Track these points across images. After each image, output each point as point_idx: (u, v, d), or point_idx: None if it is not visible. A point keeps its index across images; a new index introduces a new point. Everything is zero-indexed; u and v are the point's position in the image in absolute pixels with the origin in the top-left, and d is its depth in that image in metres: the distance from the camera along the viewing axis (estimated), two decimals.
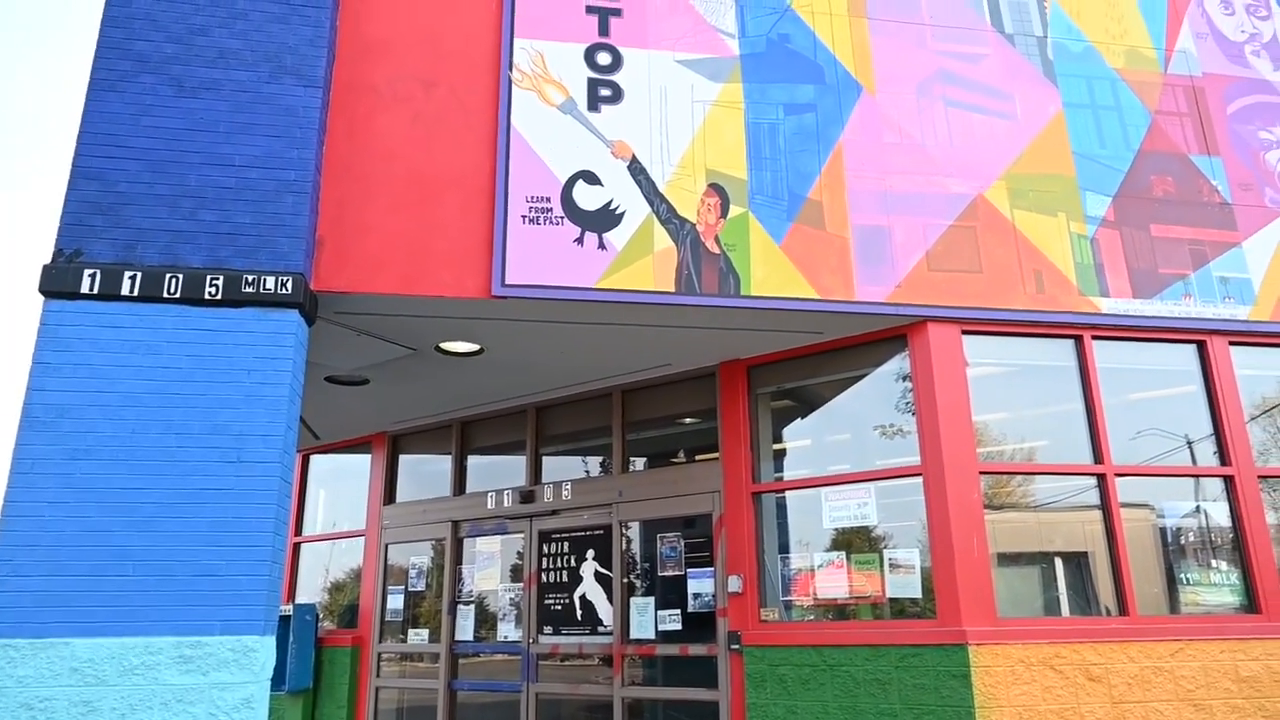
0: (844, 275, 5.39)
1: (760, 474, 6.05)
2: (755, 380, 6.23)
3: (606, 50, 5.57)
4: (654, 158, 5.39)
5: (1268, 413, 5.96)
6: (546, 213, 5.17)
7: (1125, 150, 6.07)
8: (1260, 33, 6.68)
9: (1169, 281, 5.82)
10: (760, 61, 5.74)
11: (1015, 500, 5.61)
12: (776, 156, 5.55)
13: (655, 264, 5.20)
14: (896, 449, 5.61)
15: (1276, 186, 6.25)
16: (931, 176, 5.71)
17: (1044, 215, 5.78)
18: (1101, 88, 6.23)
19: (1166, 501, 5.64)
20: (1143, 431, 5.74)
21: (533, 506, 7.18)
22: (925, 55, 6.00)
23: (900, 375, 5.67)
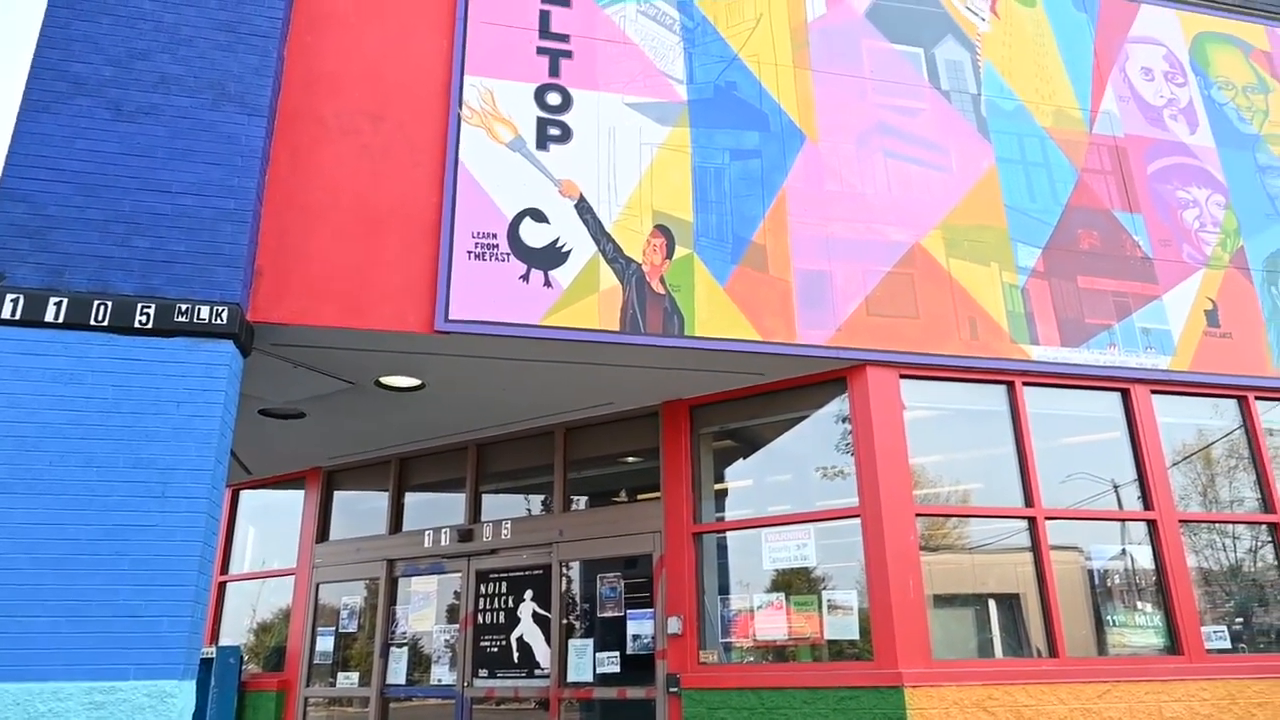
0: (786, 318, 5.48)
1: (701, 514, 6.05)
2: (698, 420, 6.26)
3: (557, 90, 5.62)
4: (601, 197, 5.43)
5: (1187, 459, 6.20)
6: (493, 249, 5.16)
7: (1054, 204, 6.33)
8: (1177, 98, 7.07)
9: (1095, 331, 6.05)
10: (707, 107, 5.86)
11: (951, 542, 5.71)
12: (722, 200, 5.65)
13: (600, 303, 5.22)
14: (836, 490, 5.68)
15: (1193, 243, 6.57)
16: (871, 224, 5.86)
17: (978, 264, 5.98)
18: (1032, 145, 6.50)
19: (1094, 544, 5.80)
20: (1071, 476, 5.91)
21: (471, 545, 7.05)
22: (866, 107, 6.20)
23: (840, 417, 5.75)
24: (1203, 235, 6.62)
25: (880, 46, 6.41)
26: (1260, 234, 6.79)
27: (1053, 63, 6.84)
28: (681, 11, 6.07)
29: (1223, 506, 6.16)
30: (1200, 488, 6.19)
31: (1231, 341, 6.33)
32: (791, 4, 6.30)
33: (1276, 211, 6.92)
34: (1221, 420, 6.34)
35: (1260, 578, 6.04)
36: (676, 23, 6.02)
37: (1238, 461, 6.28)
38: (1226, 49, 7.42)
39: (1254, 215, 6.84)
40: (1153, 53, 7.17)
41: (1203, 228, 6.64)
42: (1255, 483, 6.20)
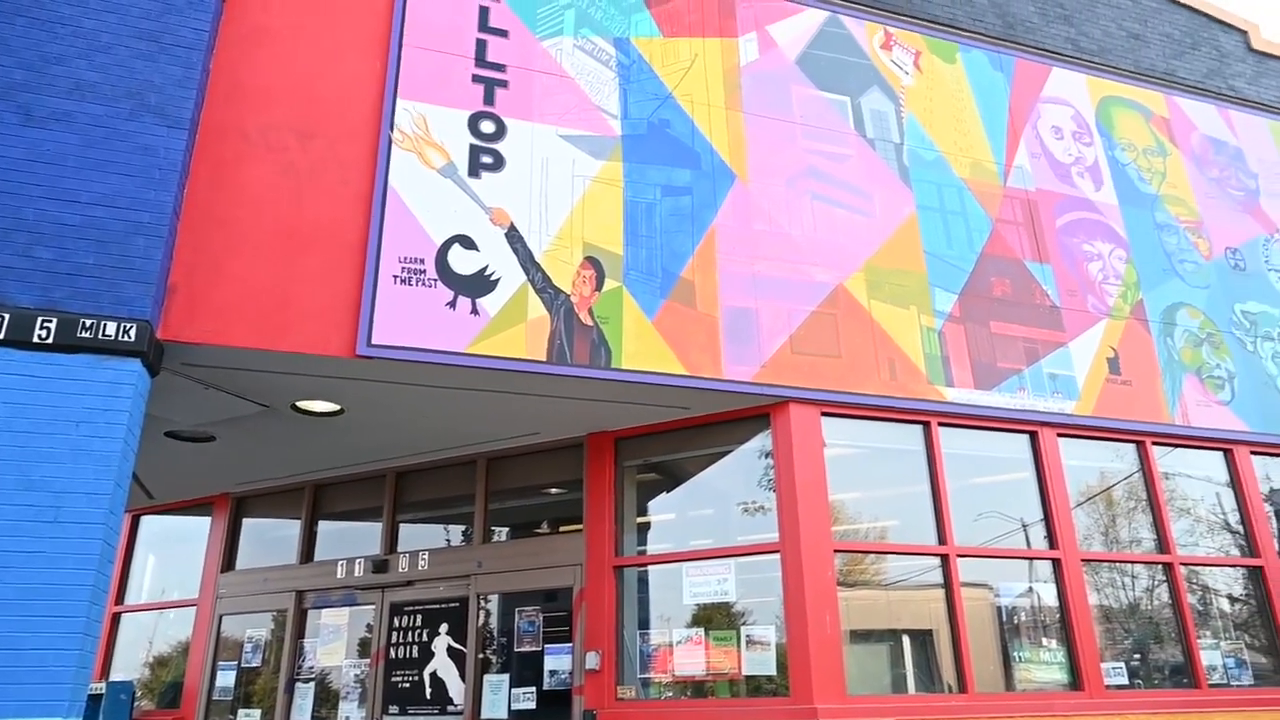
0: (712, 353, 5.54)
1: (623, 547, 6.02)
2: (622, 452, 6.25)
3: (491, 119, 5.62)
4: (532, 227, 5.43)
5: (1090, 500, 6.46)
6: (419, 274, 5.09)
7: (969, 252, 6.59)
8: (1084, 157, 7.47)
9: (1006, 375, 6.29)
10: (641, 143, 5.93)
11: (868, 578, 5.80)
12: (652, 235, 5.70)
13: (528, 332, 5.18)
14: (758, 525, 5.72)
15: (1097, 295, 6.91)
16: (797, 264, 6.00)
17: (898, 307, 6.16)
18: (950, 194, 6.77)
19: (1003, 582, 5.97)
20: (983, 514, 6.09)
21: (386, 576, 6.85)
22: (795, 151, 6.37)
23: (763, 453, 5.82)
24: (1106, 287, 6.97)
25: (809, 93, 6.61)
26: (1158, 288, 7.19)
27: (971, 118, 7.15)
28: (618, 49, 6.15)
29: (1123, 546, 6.42)
30: (1102, 528, 6.45)
31: (1131, 389, 6.66)
32: (725, 48, 6.46)
33: (1172, 267, 7.35)
34: (1122, 464, 6.64)
35: (1156, 616, 6.30)
36: (613, 59, 6.10)
37: (1136, 504, 6.58)
38: (1129, 113, 7.89)
39: (1152, 270, 7.24)
40: (1062, 113, 7.57)
41: (1106, 280, 7.00)
42: (1152, 524, 6.50)
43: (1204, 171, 7.96)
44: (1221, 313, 7.34)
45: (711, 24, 6.48)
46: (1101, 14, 8.21)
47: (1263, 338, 7.40)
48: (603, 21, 6.18)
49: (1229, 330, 7.30)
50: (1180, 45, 8.48)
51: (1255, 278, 7.67)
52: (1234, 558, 6.68)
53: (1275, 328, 7.50)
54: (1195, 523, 6.74)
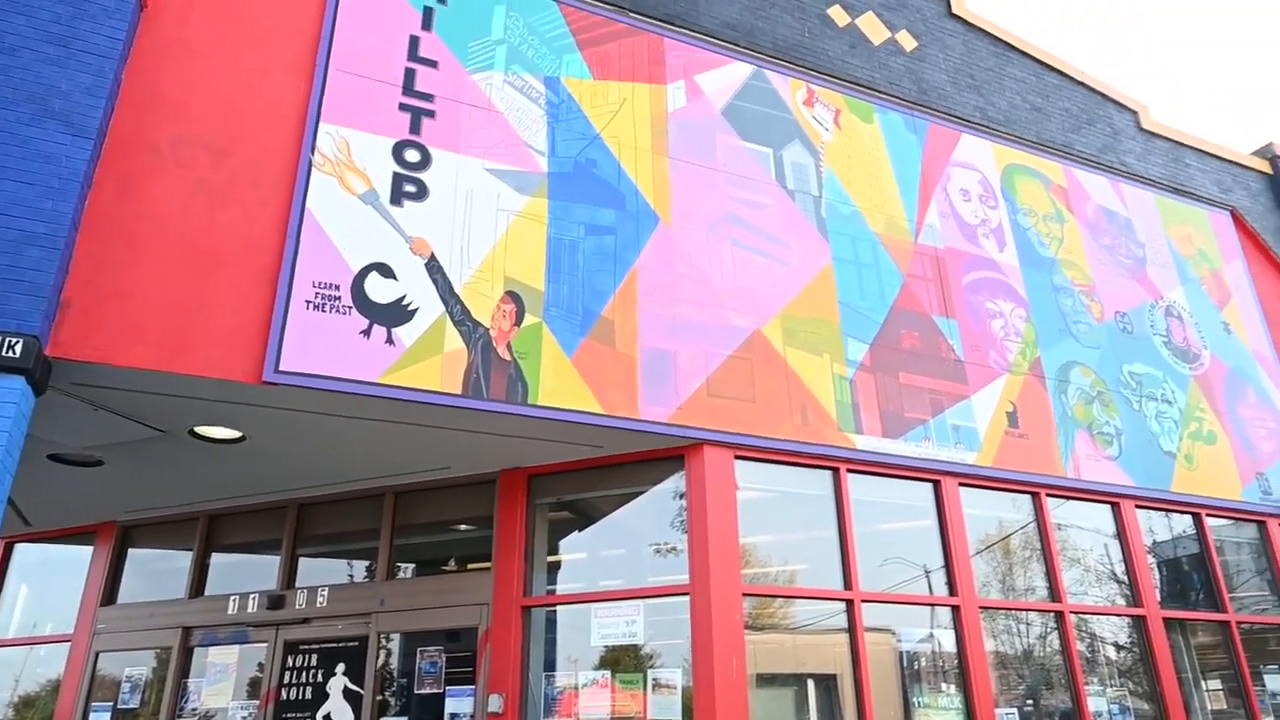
0: (629, 393, 5.55)
1: (532, 587, 5.92)
2: (535, 490, 6.18)
3: (416, 148, 5.57)
4: (453, 259, 5.37)
5: (989, 548, 6.68)
6: (334, 300, 4.97)
7: (881, 304, 6.82)
8: (989, 219, 7.85)
9: (912, 425, 6.49)
10: (567, 181, 5.97)
11: (775, 622, 5.84)
12: (574, 272, 5.72)
13: (444, 364, 5.10)
14: (669, 567, 5.71)
15: (999, 350, 7.23)
16: (716, 309, 6.09)
17: (812, 354, 6.31)
18: (864, 247, 7.01)
19: (905, 627, 6.10)
20: (888, 560, 6.23)
21: (281, 613, 6.56)
22: (718, 197, 6.50)
23: (676, 494, 5.84)
24: (1007, 344, 7.30)
25: (734, 143, 6.78)
26: (1054, 346, 7.56)
27: (886, 176, 7.45)
28: (548, 87, 6.20)
29: (1018, 594, 6.65)
30: (1000, 576, 6.67)
31: (1028, 442, 6.96)
32: (654, 94, 6.58)
33: (1067, 328, 7.75)
34: (1018, 514, 6.90)
35: (1048, 662, 6.53)
36: (542, 97, 6.15)
37: (1031, 553, 6.84)
38: (1031, 180, 8.35)
39: (1049, 329, 7.62)
40: (970, 177, 7.96)
41: (1007, 337, 7.33)
42: (1045, 573, 6.76)
43: (1097, 239, 8.46)
44: (1111, 372, 7.77)
45: (641, 70, 6.61)
46: (1008, 87, 8.70)
47: (1147, 397, 7.85)
48: (534, 59, 6.23)
49: (1117, 389, 7.72)
50: (1078, 120, 9.04)
51: (1141, 341, 8.16)
52: (1119, 607, 6.99)
53: (1158, 389, 7.97)
54: (1085, 572, 7.04)
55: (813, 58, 7.50)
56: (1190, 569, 7.62)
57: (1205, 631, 7.34)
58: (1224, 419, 8.21)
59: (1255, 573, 7.91)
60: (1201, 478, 7.73)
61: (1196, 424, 8.01)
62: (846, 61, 7.69)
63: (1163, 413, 7.86)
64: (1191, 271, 8.95)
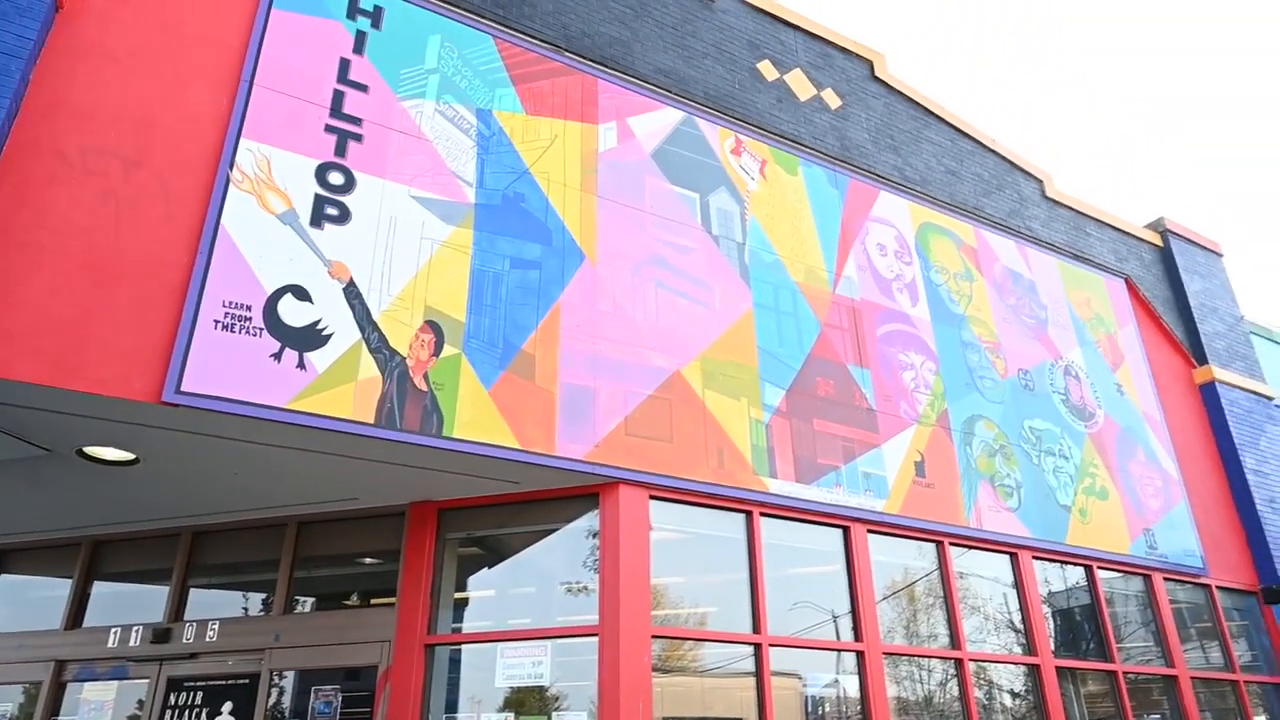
0: (547, 429, 5.51)
1: (437, 624, 5.76)
2: (446, 524, 6.04)
3: (340, 171, 5.47)
4: (373, 285, 5.27)
5: (894, 595, 6.82)
6: (244, 321, 4.80)
7: (799, 352, 6.96)
8: (904, 275, 8.14)
9: (824, 471, 6.61)
10: (493, 213, 5.94)
11: (684, 664, 5.81)
12: (497, 305, 5.68)
13: (357, 392, 4.98)
14: (579, 606, 5.64)
15: (909, 401, 7.45)
16: (637, 348, 6.12)
17: (730, 398, 6.38)
18: (785, 295, 7.17)
19: (811, 672, 6.14)
20: (797, 604, 6.29)
21: (167, 647, 6.21)
22: (644, 238, 6.57)
23: (590, 533, 5.79)
24: (917, 395, 7.53)
25: (662, 186, 6.88)
26: (961, 399, 7.84)
27: (807, 227, 7.66)
28: (479, 119, 6.20)
29: (921, 641, 6.79)
30: (904, 622, 6.80)
31: (934, 491, 7.16)
32: (585, 133, 6.64)
33: (973, 382, 8.05)
34: (923, 561, 7.07)
35: (947, 709, 6.66)
36: (473, 128, 6.13)
37: (935, 600, 7.00)
38: (943, 239, 8.71)
39: (957, 383, 7.90)
40: (887, 232, 8.25)
41: (917, 389, 7.57)
42: (947, 621, 6.92)
43: (1003, 299, 8.86)
44: (1013, 427, 8.09)
45: (574, 108, 6.67)
46: (925, 149, 9.10)
47: (1045, 452, 8.19)
48: (467, 90, 6.22)
49: (1019, 443, 8.03)
50: (988, 185, 9.50)
51: (1042, 398, 8.53)
52: (1016, 655, 7.20)
53: (1055, 444, 8.33)
54: (984, 620, 7.24)
55: (742, 109, 7.71)
56: (1082, 619, 7.92)
57: (1094, 681, 7.62)
58: (1115, 476, 8.63)
59: (1141, 624, 8.27)
60: (1094, 531, 8.08)
61: (1090, 479, 8.39)
62: (774, 115, 7.93)
63: (1060, 468, 8.21)
64: (1089, 334, 9.43)
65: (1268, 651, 8.96)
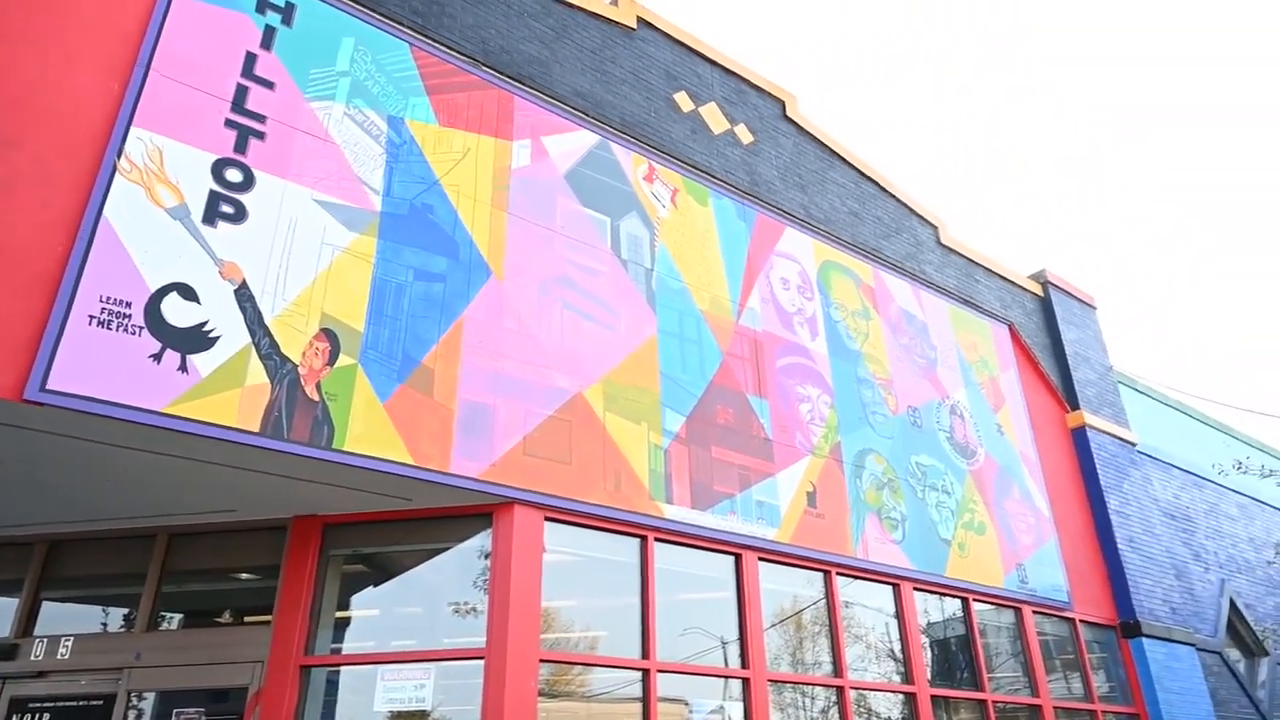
0: (443, 445, 5.39)
1: (315, 645, 5.52)
2: (330, 540, 5.82)
3: (239, 168, 5.26)
4: (267, 288, 5.07)
5: (782, 622, 6.93)
6: (123, 319, 4.54)
7: (700, 379, 7.05)
8: (804, 309, 8.37)
9: (720, 498, 6.68)
10: (400, 223, 5.82)
11: (573, 689, 5.75)
12: (398, 316, 5.54)
13: (243, 399, 4.76)
14: (467, 628, 5.51)
15: (804, 433, 7.63)
16: (540, 368, 6.08)
17: (630, 422, 6.40)
18: (689, 323, 7.26)
19: (698, 698, 6.16)
20: (687, 630, 6.31)
21: (11, 665, 5.74)
22: (553, 258, 6.55)
23: (482, 553, 5.68)
24: (812, 427, 7.72)
25: (573, 207, 6.88)
26: (853, 433, 8.08)
27: (714, 257, 7.80)
28: (391, 126, 6.07)
29: (806, 668, 6.91)
30: (790, 650, 6.92)
31: (824, 522, 7.34)
32: (499, 148, 6.60)
33: (866, 417, 8.32)
34: (811, 590, 7.22)
35: None
36: (384, 135, 6.01)
37: (821, 628, 7.15)
38: (844, 277, 9.00)
39: (851, 417, 8.15)
40: (791, 268, 8.47)
41: (812, 421, 7.76)
42: (831, 649, 7.07)
43: (897, 338, 9.20)
44: (901, 462, 8.38)
45: (489, 123, 6.62)
46: (830, 190, 9.41)
47: (930, 487, 8.52)
48: (379, 96, 6.09)
49: (905, 478, 8.33)
50: (888, 228, 9.89)
51: (929, 435, 8.88)
52: (894, 684, 7.41)
53: (939, 480, 8.67)
54: (867, 649, 7.44)
55: (656, 137, 7.81)
56: (957, 649, 8.23)
57: (967, 709, 7.91)
58: (993, 512, 9.04)
59: (1011, 655, 8.65)
60: (971, 565, 8.43)
61: (970, 515, 8.76)
62: (688, 145, 8.06)
63: (942, 502, 8.55)
64: (974, 376, 9.89)
65: (1124, 683, 9.51)
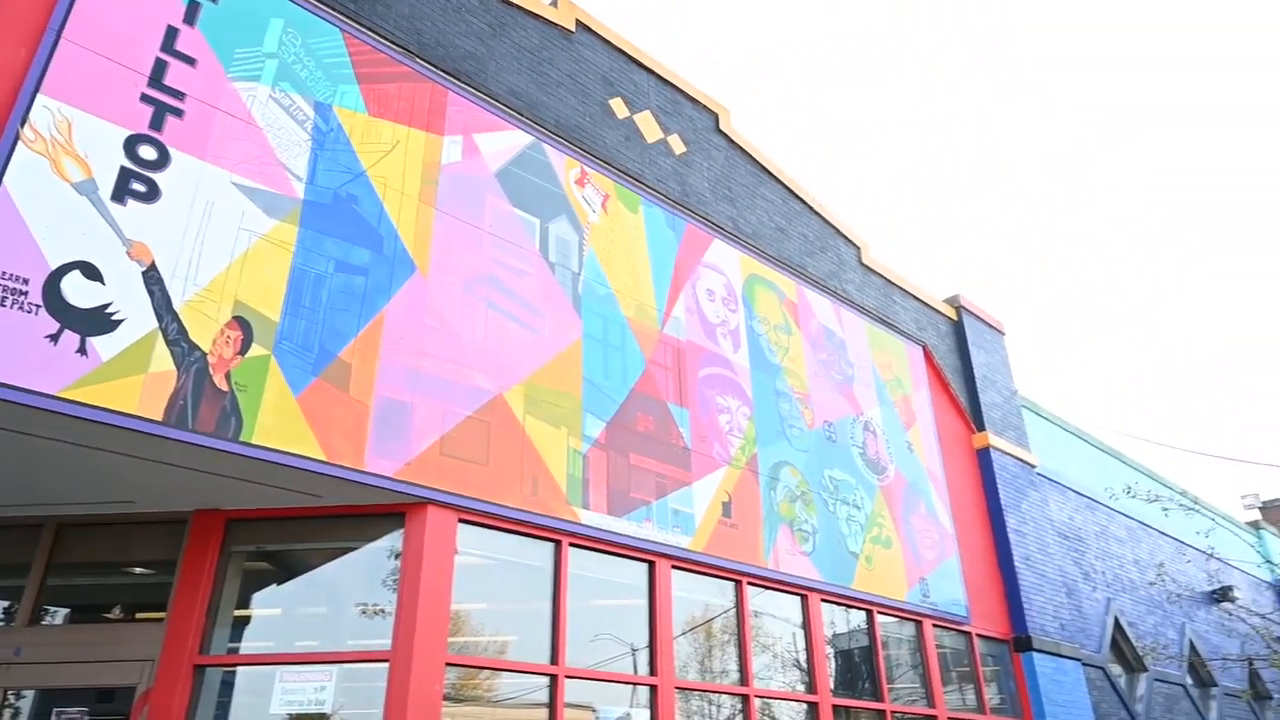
0: (357, 442, 5.28)
1: (211, 644, 5.32)
2: (233, 535, 5.62)
3: (154, 145, 5.05)
4: (178, 272, 4.88)
5: (692, 630, 6.99)
6: (19, 295, 4.30)
7: (622, 386, 7.07)
8: (728, 321, 8.48)
9: (636, 505, 6.71)
10: (323, 212, 5.68)
11: (480, 693, 5.68)
12: (316, 308, 5.40)
13: (146, 386, 4.56)
14: (374, 630, 5.40)
15: (723, 443, 7.73)
16: (461, 367, 6.01)
17: (550, 426, 6.38)
18: (614, 329, 7.28)
19: (605, 705, 6.17)
20: (598, 636, 6.31)
21: None
22: (479, 257, 6.48)
23: (393, 553, 5.57)
24: (730, 438, 7.83)
25: (503, 207, 6.83)
26: (770, 445, 8.22)
27: (642, 265, 7.84)
28: (318, 113, 5.92)
29: (714, 677, 6.99)
30: (700, 658, 6.98)
31: (738, 532, 7.44)
32: (429, 143, 6.50)
33: (783, 430, 8.48)
34: (722, 599, 7.31)
35: None
36: (310, 121, 5.85)
37: (730, 637, 7.24)
38: (768, 292, 9.17)
39: (768, 430, 8.29)
40: (717, 279, 8.59)
41: (731, 432, 7.87)
42: (738, 657, 7.17)
43: (816, 354, 9.41)
44: (815, 475, 8.57)
45: (420, 116, 6.52)
46: (759, 205, 9.57)
47: (841, 501, 8.73)
48: (307, 81, 5.94)
49: (818, 491, 8.51)
50: (812, 246, 10.11)
51: (842, 450, 9.10)
52: (798, 693, 7.55)
53: (851, 494, 8.90)
54: (773, 658, 7.57)
55: (590, 141, 7.82)
56: (860, 660, 8.44)
57: (867, 718, 8.12)
58: (899, 527, 9.31)
59: (910, 667, 8.92)
60: (877, 578, 8.67)
61: (878, 529, 9.01)
62: (621, 152, 8.09)
63: (852, 516, 8.77)
64: (888, 394, 10.19)
65: (1014, 695, 9.91)
